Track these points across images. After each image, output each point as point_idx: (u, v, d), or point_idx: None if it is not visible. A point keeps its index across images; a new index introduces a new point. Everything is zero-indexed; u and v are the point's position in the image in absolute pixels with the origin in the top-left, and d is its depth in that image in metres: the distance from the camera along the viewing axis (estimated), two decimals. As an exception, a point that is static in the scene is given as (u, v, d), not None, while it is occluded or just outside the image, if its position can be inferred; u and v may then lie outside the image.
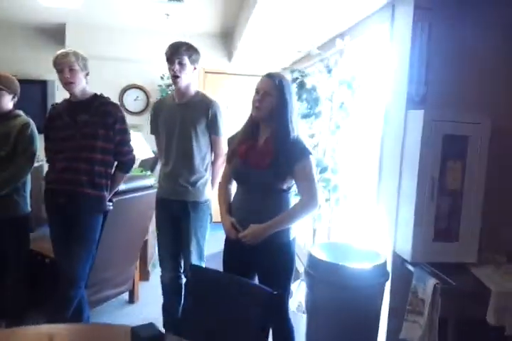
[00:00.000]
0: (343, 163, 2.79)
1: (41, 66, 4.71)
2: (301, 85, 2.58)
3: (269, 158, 2.05)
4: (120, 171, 2.66)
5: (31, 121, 2.71)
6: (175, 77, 2.54)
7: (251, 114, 2.17)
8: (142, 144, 4.50)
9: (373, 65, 2.73)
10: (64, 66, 2.46)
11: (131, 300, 3.53)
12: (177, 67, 2.51)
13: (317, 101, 2.55)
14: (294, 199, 2.16)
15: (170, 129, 2.64)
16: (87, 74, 2.57)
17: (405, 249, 2.23)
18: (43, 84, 5.22)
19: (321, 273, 2.20)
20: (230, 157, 2.24)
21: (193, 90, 2.65)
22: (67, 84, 2.49)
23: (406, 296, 2.19)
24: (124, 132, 2.60)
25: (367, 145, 2.78)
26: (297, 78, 2.61)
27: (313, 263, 2.26)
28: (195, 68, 2.61)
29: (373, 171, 2.61)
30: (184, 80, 2.56)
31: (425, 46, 2.18)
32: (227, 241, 2.25)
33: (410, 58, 2.20)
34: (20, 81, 2.61)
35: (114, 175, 2.64)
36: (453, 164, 2.14)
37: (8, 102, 2.67)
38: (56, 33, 5.11)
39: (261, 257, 2.14)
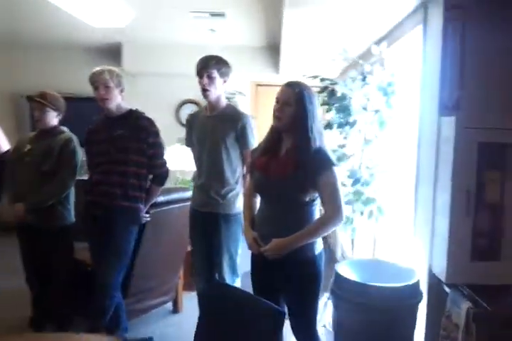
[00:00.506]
0: (378, 174, 2.64)
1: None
2: (332, 94, 2.49)
3: (289, 169, 1.99)
4: (154, 184, 2.72)
5: (74, 137, 2.85)
6: (204, 90, 2.58)
7: (272, 125, 2.13)
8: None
9: (409, 71, 2.58)
10: (99, 83, 2.58)
11: (175, 310, 3.57)
12: (206, 80, 2.55)
13: (348, 110, 2.44)
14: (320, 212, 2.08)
15: (201, 142, 2.67)
16: (122, 91, 2.67)
17: (441, 268, 2.05)
18: (91, 101, 5.52)
19: (347, 292, 2.09)
20: (251, 169, 2.21)
21: (223, 103, 2.66)
22: (102, 101, 2.60)
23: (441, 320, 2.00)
24: (157, 146, 2.66)
25: (403, 155, 2.61)
26: (326, 87, 2.52)
27: (339, 281, 2.14)
28: (225, 81, 2.62)
29: (410, 182, 2.44)
30: (213, 93, 2.59)
31: (458, 47, 2.01)
32: (252, 256, 2.22)
33: (441, 60, 2.04)
34: (80, 99, 2.78)
35: (150, 187, 2.71)
36: (491, 175, 1.94)
37: (53, 119, 2.84)
38: (113, 52, 5.39)
39: (285, 273, 2.07)
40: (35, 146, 2.84)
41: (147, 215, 2.79)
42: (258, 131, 2.64)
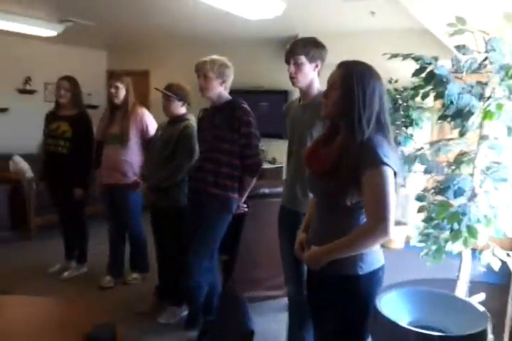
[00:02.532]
0: (493, 184, 1.96)
1: (283, 77, 5.13)
2: (430, 77, 1.96)
3: (328, 164, 1.68)
4: (246, 174, 2.68)
5: (193, 124, 3.03)
6: (291, 78, 2.38)
7: None
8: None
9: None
10: (200, 73, 2.67)
11: (289, 307, 3.47)
12: (292, 67, 2.34)
13: (453, 98, 1.88)
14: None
15: (291, 134, 2.49)
16: (224, 82, 2.69)
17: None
18: (284, 94, 5.68)
19: (386, 335, 1.64)
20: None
21: (315, 90, 2.42)
22: (201, 90, 2.68)
23: None
24: (250, 136, 2.62)
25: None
26: (424, 67, 1.99)
27: (377, 318, 1.66)
28: (316, 65, 2.37)
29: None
30: (301, 81, 2.36)
31: None
32: None
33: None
34: (267, 91, 2.85)
35: (242, 178, 2.69)
36: None
37: (177, 107, 3.07)
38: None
39: (319, 292, 1.80)
40: (163, 132, 3.14)
41: (245, 205, 2.79)
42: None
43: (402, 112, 4.39)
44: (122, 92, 3.47)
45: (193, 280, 2.67)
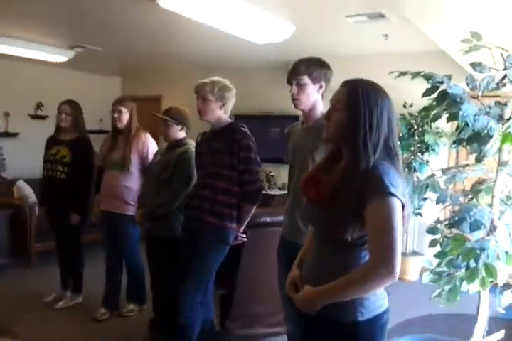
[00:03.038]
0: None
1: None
2: (443, 97, 1.77)
3: (328, 192, 1.48)
4: (245, 202, 2.50)
5: (192, 148, 2.88)
6: (293, 100, 2.22)
7: None
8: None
9: None
10: (199, 95, 2.54)
11: (297, 345, 3.20)
12: (294, 88, 2.18)
13: (468, 119, 1.69)
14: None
15: (292, 158, 2.32)
16: (223, 105, 2.56)
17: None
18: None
19: None
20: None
21: (319, 112, 2.25)
22: (199, 113, 2.55)
23: None
24: (249, 161, 2.46)
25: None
26: (436, 87, 1.80)
27: None
28: (321, 86, 2.21)
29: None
30: (304, 102, 2.20)
31: None
32: None
33: None
34: (278, 116, 2.73)
35: (242, 206, 2.51)
36: None
37: (176, 132, 2.93)
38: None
39: (313, 338, 1.58)
40: (162, 157, 2.99)
41: (243, 235, 2.59)
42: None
43: (417, 137, 4.18)
44: (125, 117, 3.36)
45: (184, 316, 2.45)
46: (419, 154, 4.15)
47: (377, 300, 1.47)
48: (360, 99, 1.45)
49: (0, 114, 6.19)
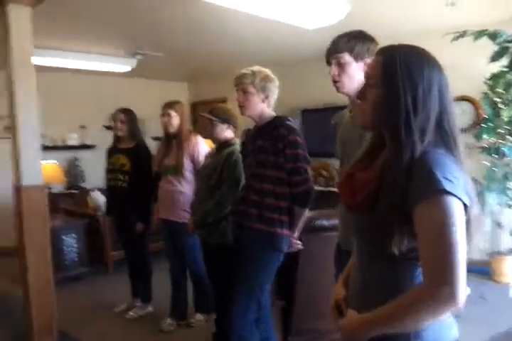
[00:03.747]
0: None
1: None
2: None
3: (364, 193, 1.18)
4: (296, 205, 2.24)
5: (237, 149, 2.68)
6: (334, 83, 1.90)
7: None
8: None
9: None
10: (238, 87, 2.32)
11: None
12: (334, 69, 1.85)
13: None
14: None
15: (342, 151, 1.99)
16: (266, 97, 2.31)
17: None
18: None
19: None
20: None
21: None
22: (239, 108, 2.32)
23: None
24: (296, 159, 2.18)
25: None
26: (506, 48, 1.39)
27: None
28: (365, 64, 1.87)
29: None
30: (347, 85, 1.86)
31: None
32: None
33: None
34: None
35: (293, 209, 2.25)
36: None
37: (222, 132, 2.74)
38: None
39: None
40: (211, 160, 2.82)
41: (299, 242, 2.33)
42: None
43: (504, 118, 3.61)
44: (176, 120, 3.24)
45: (236, 337, 2.22)
46: (508, 137, 3.58)
47: (441, 329, 1.14)
48: (398, 69, 1.12)
49: (77, 127, 6.49)
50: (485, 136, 3.74)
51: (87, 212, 4.99)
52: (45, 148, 6.11)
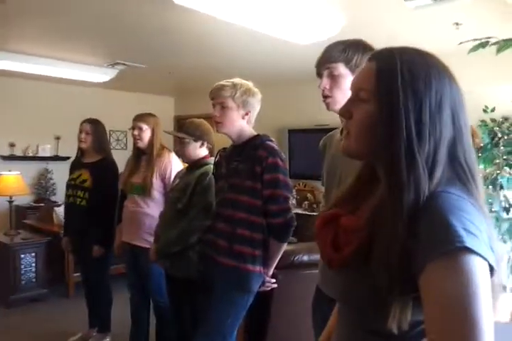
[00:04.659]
0: None
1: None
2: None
3: (352, 246, 0.87)
4: (272, 238, 1.93)
5: (211, 169, 2.38)
6: (324, 97, 1.62)
7: None
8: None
9: None
10: (215, 101, 2.03)
11: None
12: (325, 81, 1.56)
13: None
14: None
15: (329, 179, 1.70)
16: (247, 114, 2.02)
17: None
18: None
19: None
20: None
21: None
22: (215, 124, 2.03)
23: None
24: (275, 184, 1.88)
25: None
26: None
27: None
28: None
29: None
30: (340, 101, 1.58)
31: None
32: None
33: None
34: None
35: (269, 242, 1.94)
36: None
37: (195, 150, 2.45)
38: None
39: None
40: (180, 181, 2.52)
41: (272, 280, 2.02)
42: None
43: (502, 148, 3.38)
44: (147, 135, 2.93)
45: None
46: (505, 168, 3.34)
47: None
48: (398, 79, 0.83)
49: (51, 138, 6.15)
50: (481, 166, 3.51)
51: (51, 229, 4.61)
52: (12, 158, 5.79)
